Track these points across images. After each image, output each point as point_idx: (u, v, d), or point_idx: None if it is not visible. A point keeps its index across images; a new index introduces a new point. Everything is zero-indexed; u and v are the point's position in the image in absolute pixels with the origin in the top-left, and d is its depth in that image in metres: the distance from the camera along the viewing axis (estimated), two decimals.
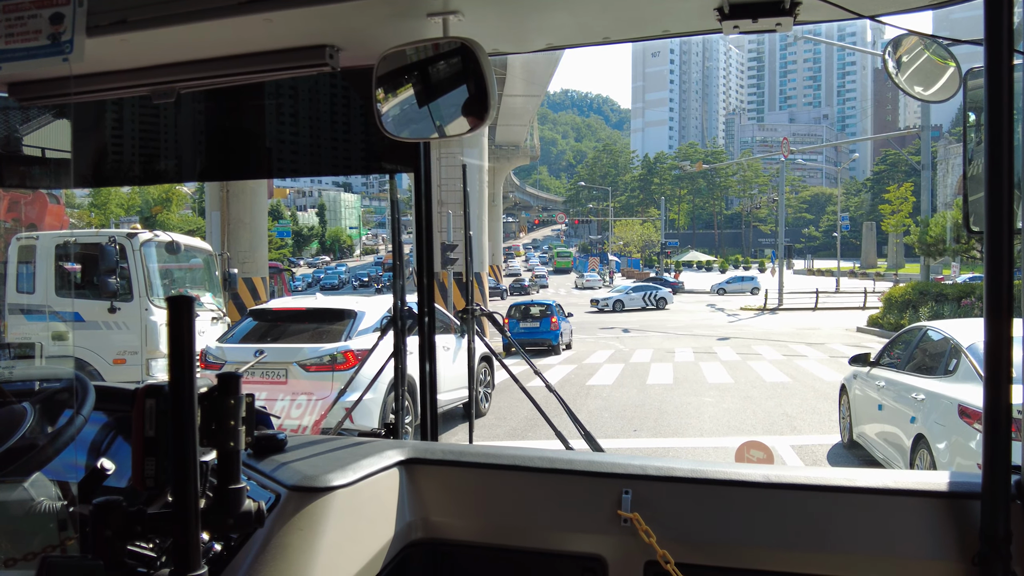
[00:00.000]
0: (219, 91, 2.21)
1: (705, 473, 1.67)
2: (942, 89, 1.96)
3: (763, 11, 1.61)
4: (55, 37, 1.72)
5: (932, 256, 25.66)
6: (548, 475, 1.74)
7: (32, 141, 2.41)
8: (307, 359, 8.40)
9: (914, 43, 1.94)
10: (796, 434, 9.81)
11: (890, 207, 37.67)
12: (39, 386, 1.81)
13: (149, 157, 2.59)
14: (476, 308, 2.58)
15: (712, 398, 12.64)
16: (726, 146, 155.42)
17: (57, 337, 9.98)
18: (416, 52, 1.72)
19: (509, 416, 10.95)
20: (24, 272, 10.30)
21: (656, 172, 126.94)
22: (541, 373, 2.63)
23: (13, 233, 10.61)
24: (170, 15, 1.69)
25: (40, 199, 14.23)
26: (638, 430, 10.16)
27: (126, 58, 1.94)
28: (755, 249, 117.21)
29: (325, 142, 2.49)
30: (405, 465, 1.79)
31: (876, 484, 1.57)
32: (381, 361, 2.62)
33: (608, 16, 1.73)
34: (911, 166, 44.56)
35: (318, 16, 1.66)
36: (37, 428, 1.60)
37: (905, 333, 8.11)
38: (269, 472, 1.63)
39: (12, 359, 2.69)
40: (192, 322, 1.09)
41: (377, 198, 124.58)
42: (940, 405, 6.07)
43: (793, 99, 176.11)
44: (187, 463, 1.08)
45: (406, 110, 1.76)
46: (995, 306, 1.36)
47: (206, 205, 25.77)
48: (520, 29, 1.84)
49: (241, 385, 1.19)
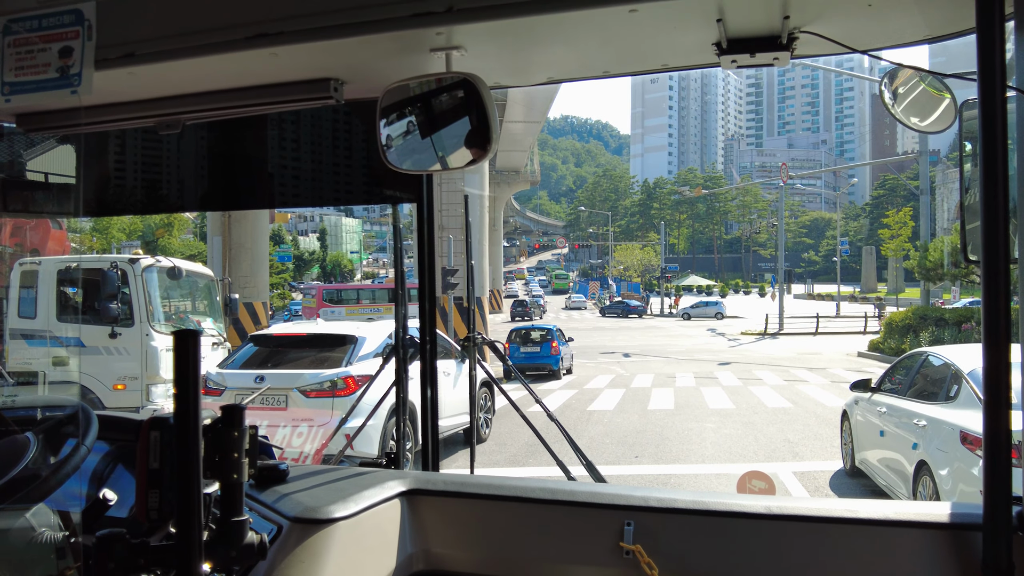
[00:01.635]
0: (224, 122, 2.24)
1: (707, 504, 1.66)
2: (938, 120, 1.98)
3: (761, 46, 1.64)
4: (64, 70, 1.75)
5: (932, 281, 25.68)
6: (550, 506, 1.73)
7: (36, 167, 2.43)
8: (307, 385, 8.39)
9: (910, 75, 1.97)
10: (798, 460, 9.75)
11: (889, 231, 37.73)
12: (41, 414, 1.81)
13: (154, 186, 2.61)
14: (478, 336, 2.59)
15: (714, 424, 12.59)
16: (725, 171, 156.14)
17: (58, 362, 9.98)
18: (419, 85, 1.74)
19: (509, 442, 10.90)
20: (26, 297, 10.31)
21: (656, 197, 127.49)
22: (542, 401, 2.63)
23: (16, 258, 10.63)
24: (178, 49, 1.71)
25: (43, 224, 14.28)
26: (639, 456, 10.11)
27: (133, 90, 1.97)
28: (755, 273, 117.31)
29: (330, 173, 2.52)
30: (407, 496, 1.79)
31: (878, 515, 1.57)
32: (382, 388, 2.62)
33: (608, 51, 1.76)
34: (910, 191, 44.75)
35: (323, 51, 1.69)
36: (40, 458, 1.60)
37: (906, 359, 8.11)
38: (271, 503, 1.63)
39: (15, 386, 2.69)
40: (198, 355, 1.10)
41: (378, 223, 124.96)
42: (942, 431, 6.04)
43: (791, 125, 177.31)
44: (191, 495, 1.08)
45: (409, 142, 1.78)
46: (993, 333, 1.37)
47: (207, 230, 25.86)
48: (522, 64, 1.87)
49: (245, 417, 1.20)
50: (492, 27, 1.58)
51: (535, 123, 43.73)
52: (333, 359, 8.75)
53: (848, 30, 1.63)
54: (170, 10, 1.71)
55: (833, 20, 1.59)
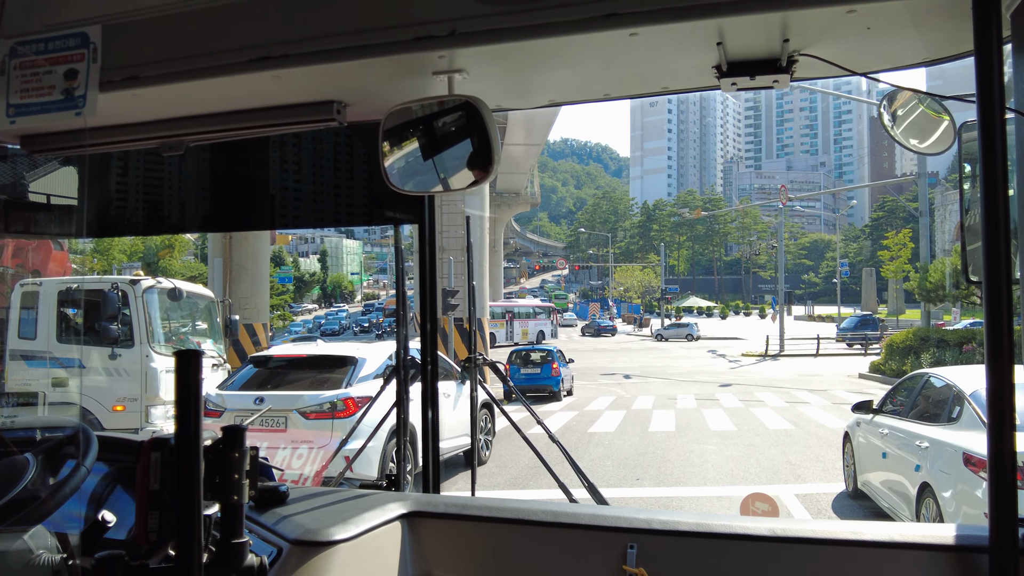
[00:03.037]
0: (228, 143, 2.25)
1: (711, 527, 1.65)
2: (937, 142, 1.99)
3: (761, 69, 1.65)
4: (69, 92, 1.76)
5: (932, 302, 25.66)
6: (552, 529, 1.72)
7: (38, 188, 2.44)
8: (307, 406, 8.36)
9: (908, 97, 1.98)
10: (800, 482, 9.69)
11: (889, 253, 37.77)
12: (41, 435, 1.80)
13: (158, 208, 2.62)
14: (479, 357, 2.58)
15: (715, 446, 12.52)
16: (724, 193, 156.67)
17: (57, 383, 9.94)
18: (421, 108, 1.75)
19: (510, 464, 10.84)
20: (26, 318, 10.30)
21: (655, 219, 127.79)
22: (544, 423, 2.62)
23: (17, 279, 10.64)
24: (182, 71, 1.73)
25: (44, 245, 14.28)
26: (641, 479, 10.05)
27: (137, 112, 1.98)
28: (755, 295, 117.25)
29: (332, 194, 2.53)
30: (407, 518, 1.78)
31: (883, 537, 1.56)
32: (381, 409, 2.61)
33: (609, 74, 1.77)
34: (909, 212, 44.86)
35: (327, 74, 1.70)
36: (39, 479, 1.59)
37: (907, 380, 8.08)
38: (271, 525, 1.62)
39: (15, 407, 2.68)
40: (200, 376, 1.09)
41: (379, 244, 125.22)
42: (944, 453, 6.01)
43: (790, 147, 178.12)
44: (191, 517, 1.08)
45: (412, 164, 1.79)
46: (996, 354, 1.36)
47: (208, 251, 25.91)
48: (523, 87, 1.88)
49: (246, 438, 1.19)
50: (494, 50, 1.59)
51: (535, 146, 43.96)
52: (333, 380, 8.73)
53: (847, 53, 1.65)
54: (175, 33, 1.73)
55: (832, 43, 1.60)
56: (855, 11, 1.42)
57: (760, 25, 1.51)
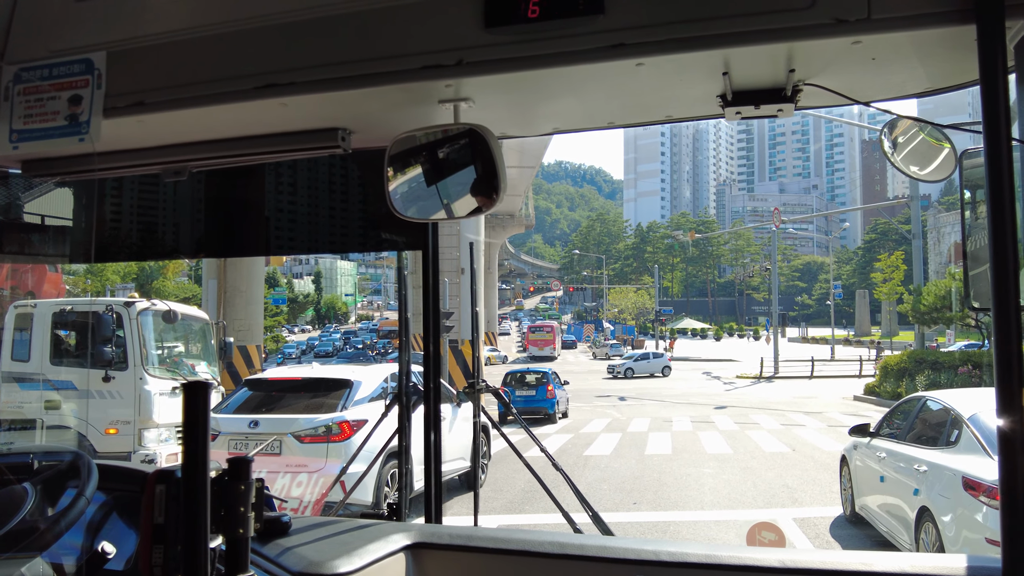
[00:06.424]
0: (232, 169, 2.25)
1: (719, 558, 1.63)
2: (938, 169, 2.00)
3: (765, 98, 1.65)
4: (73, 118, 1.76)
5: (926, 324, 25.73)
6: (559, 560, 1.70)
7: (33, 209, 2.42)
8: (302, 430, 8.29)
9: (909, 125, 2.00)
10: (798, 506, 9.63)
11: (882, 275, 37.96)
12: (38, 463, 1.77)
13: (157, 232, 2.61)
14: (482, 383, 2.57)
15: (712, 469, 12.46)
16: (717, 216, 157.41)
17: (51, 407, 9.84)
18: (427, 136, 1.76)
19: (506, 488, 10.75)
20: (19, 340, 10.22)
21: (649, 240, 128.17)
22: (547, 451, 2.60)
23: (11, 300, 10.58)
24: (187, 98, 1.72)
25: (39, 267, 14.25)
26: (638, 503, 9.98)
27: (141, 138, 1.97)
28: (749, 316, 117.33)
29: (338, 220, 2.52)
30: (411, 550, 1.75)
31: (893, 569, 1.54)
32: (377, 433, 2.58)
33: (614, 103, 1.78)
34: (901, 235, 45.15)
35: (332, 101, 1.70)
36: (37, 510, 1.56)
37: (904, 403, 8.07)
38: (274, 557, 1.59)
39: (10, 431, 2.65)
40: (207, 407, 1.08)
41: (373, 266, 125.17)
42: (944, 477, 5.99)
43: (783, 170, 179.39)
44: (197, 552, 1.06)
45: (416, 191, 1.79)
46: (1006, 381, 1.36)
47: (203, 273, 25.85)
48: (529, 115, 1.89)
49: (252, 470, 1.17)
50: (500, 80, 1.59)
51: (530, 168, 44.20)
52: (328, 404, 8.66)
53: (851, 82, 1.66)
54: (180, 59, 1.72)
55: (837, 73, 1.61)
56: (861, 42, 1.43)
57: (766, 55, 1.52)
